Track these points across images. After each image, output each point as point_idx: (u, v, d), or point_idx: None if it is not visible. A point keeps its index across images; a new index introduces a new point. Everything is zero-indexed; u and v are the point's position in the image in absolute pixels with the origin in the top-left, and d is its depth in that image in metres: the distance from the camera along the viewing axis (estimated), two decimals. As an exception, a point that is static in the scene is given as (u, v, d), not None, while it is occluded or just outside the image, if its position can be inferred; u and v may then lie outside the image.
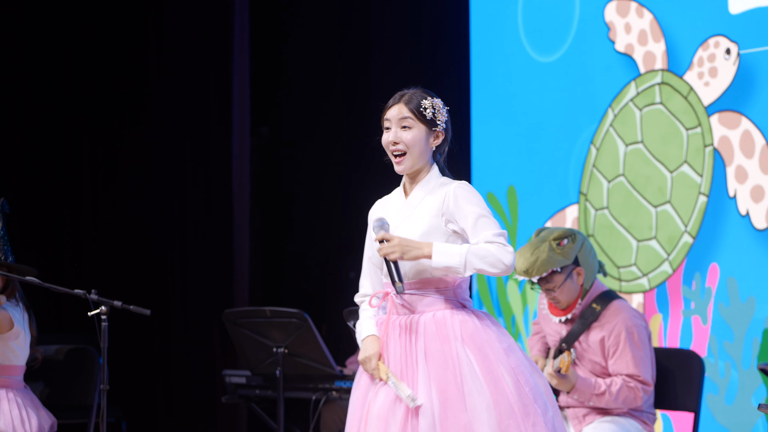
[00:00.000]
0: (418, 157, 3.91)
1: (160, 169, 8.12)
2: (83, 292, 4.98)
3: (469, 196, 3.84)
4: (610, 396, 5.02)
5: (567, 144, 6.67)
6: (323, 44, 8.13)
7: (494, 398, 3.72)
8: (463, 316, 3.84)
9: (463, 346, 3.78)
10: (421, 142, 3.91)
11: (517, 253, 5.10)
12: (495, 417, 3.70)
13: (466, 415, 3.71)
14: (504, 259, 3.74)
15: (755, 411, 5.67)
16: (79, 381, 5.98)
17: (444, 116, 3.95)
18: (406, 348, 3.83)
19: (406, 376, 3.80)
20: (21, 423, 5.37)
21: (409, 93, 3.96)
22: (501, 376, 3.75)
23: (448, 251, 3.76)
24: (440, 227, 3.86)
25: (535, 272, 5.04)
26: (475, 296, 7.14)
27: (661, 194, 6.21)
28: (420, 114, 3.91)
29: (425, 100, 3.93)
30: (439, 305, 3.86)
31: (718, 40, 5.99)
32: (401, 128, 3.92)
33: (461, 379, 3.74)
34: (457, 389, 3.73)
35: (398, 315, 3.90)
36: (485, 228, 3.78)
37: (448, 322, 3.82)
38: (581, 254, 5.12)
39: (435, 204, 3.87)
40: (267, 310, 5.81)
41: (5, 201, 5.46)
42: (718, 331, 5.90)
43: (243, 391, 6.21)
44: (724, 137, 5.94)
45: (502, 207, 7.00)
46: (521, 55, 6.91)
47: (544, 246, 5.06)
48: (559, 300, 5.14)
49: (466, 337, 3.80)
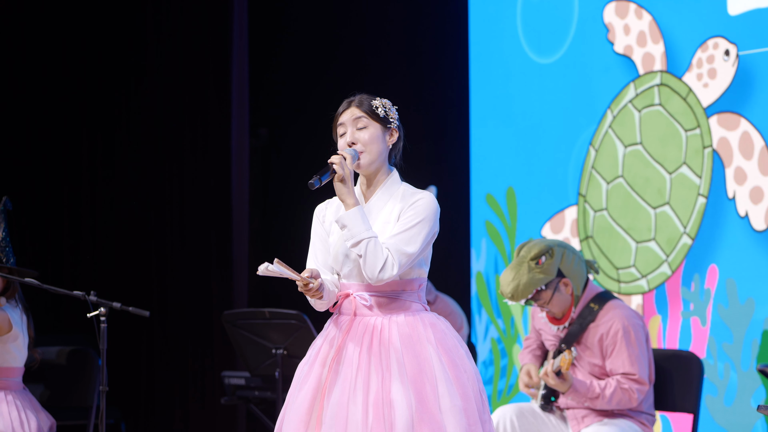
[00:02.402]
0: (376, 154, 3.94)
1: (159, 171, 8.12)
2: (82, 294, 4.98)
3: (424, 207, 3.86)
4: (603, 399, 5.04)
5: (566, 145, 6.67)
6: (322, 46, 8.14)
7: (465, 403, 3.77)
8: (431, 318, 3.89)
9: (436, 350, 3.82)
10: (378, 139, 3.95)
11: (501, 276, 5.17)
12: (465, 422, 3.75)
13: (441, 416, 3.74)
14: (379, 272, 3.78)
15: (754, 412, 5.66)
16: (78, 382, 5.98)
17: (395, 115, 3.98)
18: (376, 351, 3.83)
19: (379, 377, 3.79)
20: (20, 425, 5.36)
21: (358, 97, 4.04)
22: (467, 381, 3.81)
23: (360, 222, 3.81)
24: None
25: (519, 296, 5.10)
26: (474, 297, 7.14)
27: (660, 195, 6.21)
28: (373, 113, 3.96)
29: (375, 101, 3.99)
30: (405, 308, 3.89)
31: (717, 42, 5.99)
32: (357, 129, 3.97)
33: (436, 381, 3.77)
34: (433, 390, 3.76)
35: (362, 316, 3.92)
36: (404, 240, 3.81)
37: (419, 325, 3.85)
38: (563, 266, 5.14)
39: (397, 211, 3.90)
40: (266, 311, 5.81)
41: (8, 199, 5.46)
42: (717, 332, 5.90)
43: (242, 393, 6.21)
44: (723, 138, 5.94)
45: (501, 208, 6.99)
46: (520, 57, 6.92)
47: (524, 268, 5.10)
48: (553, 312, 5.19)
49: (437, 340, 3.84)
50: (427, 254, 3.93)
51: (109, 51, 8.13)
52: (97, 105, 8.14)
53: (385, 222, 3.89)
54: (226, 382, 6.28)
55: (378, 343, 3.84)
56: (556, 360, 5.05)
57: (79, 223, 8.17)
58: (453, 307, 6.56)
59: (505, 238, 6.99)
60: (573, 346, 5.15)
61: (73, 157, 8.15)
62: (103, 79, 8.13)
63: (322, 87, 8.09)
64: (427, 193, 3.92)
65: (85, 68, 8.11)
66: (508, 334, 6.93)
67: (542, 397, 5.25)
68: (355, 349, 3.84)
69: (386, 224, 3.88)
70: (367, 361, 3.82)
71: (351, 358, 3.84)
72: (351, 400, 3.78)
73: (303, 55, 8.19)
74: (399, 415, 3.73)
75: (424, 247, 3.87)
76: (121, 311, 5.04)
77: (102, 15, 8.13)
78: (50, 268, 7.92)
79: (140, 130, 8.16)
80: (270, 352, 5.79)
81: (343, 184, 3.87)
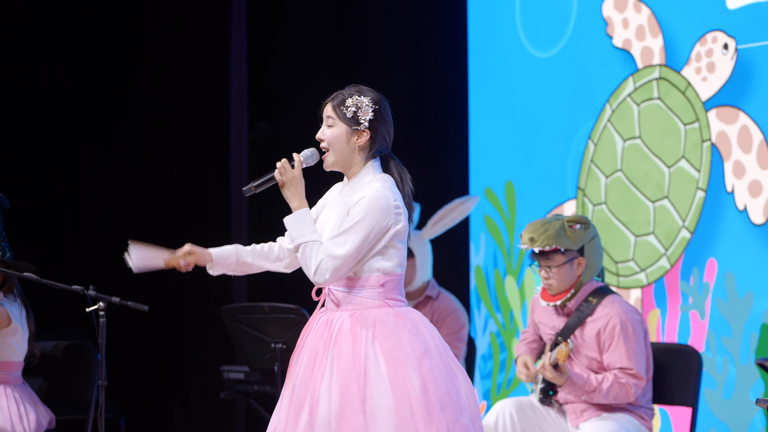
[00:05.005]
0: (339, 154, 3.94)
1: (158, 165, 8.12)
2: (81, 288, 4.98)
3: (363, 206, 3.81)
4: (600, 393, 5.04)
5: (565, 139, 6.67)
6: (321, 39, 8.13)
7: (396, 402, 3.70)
8: (382, 316, 3.82)
9: (373, 347, 3.77)
10: (340, 140, 3.93)
11: (529, 224, 5.18)
12: (394, 421, 3.69)
13: (364, 417, 3.70)
14: (313, 275, 3.80)
15: (753, 406, 5.67)
16: (78, 377, 5.98)
17: (369, 115, 3.90)
18: (325, 344, 3.84)
19: (317, 372, 3.80)
20: (19, 419, 5.37)
21: (341, 91, 3.97)
22: (408, 380, 3.73)
23: (304, 224, 3.83)
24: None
25: (539, 242, 5.08)
26: (473, 291, 7.14)
27: (658, 189, 6.21)
28: (341, 113, 3.92)
29: (351, 98, 3.93)
30: (362, 304, 3.85)
31: (716, 35, 5.98)
32: (327, 126, 3.97)
33: (364, 381, 3.73)
34: (359, 390, 3.72)
35: (327, 311, 3.92)
36: (337, 243, 3.78)
37: (365, 321, 3.81)
38: (588, 246, 5.15)
39: (347, 209, 3.86)
40: (265, 305, 5.81)
41: (4, 196, 5.46)
42: (716, 326, 5.90)
43: (241, 387, 6.21)
44: (722, 132, 5.94)
45: (500, 202, 7.00)
46: (519, 51, 6.91)
47: (557, 223, 5.13)
48: (551, 284, 5.16)
49: (379, 337, 3.78)
50: (389, 250, 3.84)
51: (106, 45, 8.12)
52: (96, 100, 8.14)
53: (338, 219, 3.87)
54: (225, 377, 6.28)
55: (325, 339, 3.84)
56: (553, 353, 5.06)
57: (78, 218, 8.17)
58: (455, 304, 6.56)
59: (504, 233, 6.99)
60: (570, 338, 5.16)
61: (71, 152, 8.15)
62: (101, 74, 8.12)
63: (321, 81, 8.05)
64: (375, 189, 3.84)
65: (82, 63, 8.10)
66: (507, 328, 6.93)
67: (540, 391, 5.26)
68: (307, 346, 3.87)
69: (338, 221, 3.86)
70: (310, 358, 3.83)
71: (301, 354, 3.87)
72: (282, 399, 3.84)
73: (302, 49, 8.18)
74: (319, 414, 3.74)
75: (366, 246, 3.79)
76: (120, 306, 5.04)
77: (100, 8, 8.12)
78: (49, 263, 7.92)
79: (139, 124, 8.15)
80: (269, 346, 5.78)
81: (287, 189, 3.90)
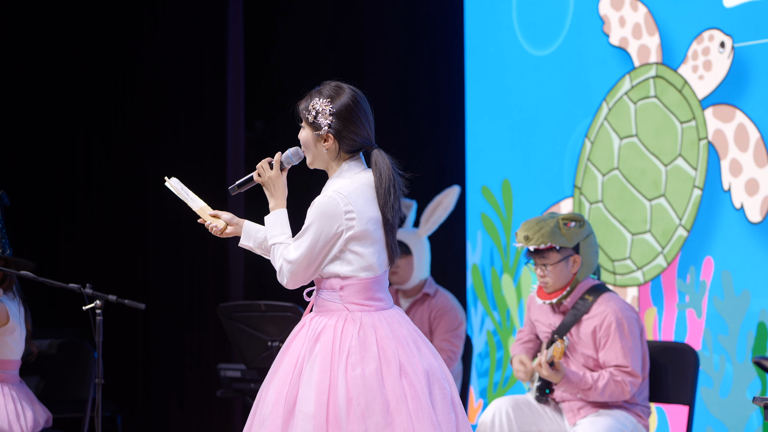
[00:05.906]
0: (312, 156, 3.95)
1: (154, 164, 8.11)
2: (78, 287, 4.98)
3: (312, 212, 3.85)
4: (596, 391, 5.05)
5: (561, 137, 6.67)
6: (318, 38, 8.13)
7: (316, 410, 3.68)
8: (332, 321, 3.81)
9: (312, 352, 3.77)
10: (310, 143, 3.95)
11: (524, 222, 5.20)
12: (309, 428, 3.67)
13: (284, 421, 3.70)
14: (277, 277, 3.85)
15: (750, 404, 5.67)
16: (74, 375, 5.98)
17: (327, 119, 3.88)
18: (286, 345, 3.88)
19: (272, 373, 3.84)
20: (16, 417, 5.37)
21: (312, 90, 3.98)
22: (333, 387, 3.71)
23: (275, 225, 3.89)
24: None
25: (534, 240, 5.09)
26: (469, 289, 7.14)
27: (655, 188, 6.21)
28: (305, 116, 3.93)
29: (312, 100, 3.92)
30: (324, 306, 3.86)
31: (713, 34, 5.99)
32: (301, 128, 4.00)
33: (297, 385, 3.74)
34: (292, 393, 3.74)
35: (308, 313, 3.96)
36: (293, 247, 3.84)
37: (316, 325, 3.82)
38: (584, 244, 5.15)
39: None
40: (262, 304, 5.81)
41: (5, 193, 5.46)
42: (713, 324, 5.91)
43: (238, 385, 6.21)
44: (719, 131, 5.94)
45: (497, 201, 7.00)
46: (516, 49, 6.91)
47: (552, 221, 5.14)
48: (547, 282, 5.18)
49: (323, 341, 3.77)
50: (347, 255, 3.83)
51: (103, 44, 8.11)
52: (92, 97, 8.13)
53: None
54: (221, 375, 6.27)
55: (289, 340, 3.87)
56: (549, 350, 5.06)
57: (75, 216, 8.16)
58: (453, 302, 6.56)
59: (500, 231, 6.99)
60: (566, 336, 5.16)
61: (68, 150, 8.14)
62: (98, 72, 8.12)
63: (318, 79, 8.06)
64: (326, 195, 3.85)
65: (79, 61, 8.10)
66: (503, 326, 6.94)
67: (537, 389, 5.26)
68: (285, 345, 3.89)
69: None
70: (277, 358, 3.87)
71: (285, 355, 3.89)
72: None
73: (299, 47, 8.18)
74: (258, 414, 3.78)
75: (317, 252, 3.79)
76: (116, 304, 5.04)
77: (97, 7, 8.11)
78: (46, 261, 7.92)
79: (136, 123, 8.15)
80: (266, 344, 5.79)
81: (265, 189, 3.93)
